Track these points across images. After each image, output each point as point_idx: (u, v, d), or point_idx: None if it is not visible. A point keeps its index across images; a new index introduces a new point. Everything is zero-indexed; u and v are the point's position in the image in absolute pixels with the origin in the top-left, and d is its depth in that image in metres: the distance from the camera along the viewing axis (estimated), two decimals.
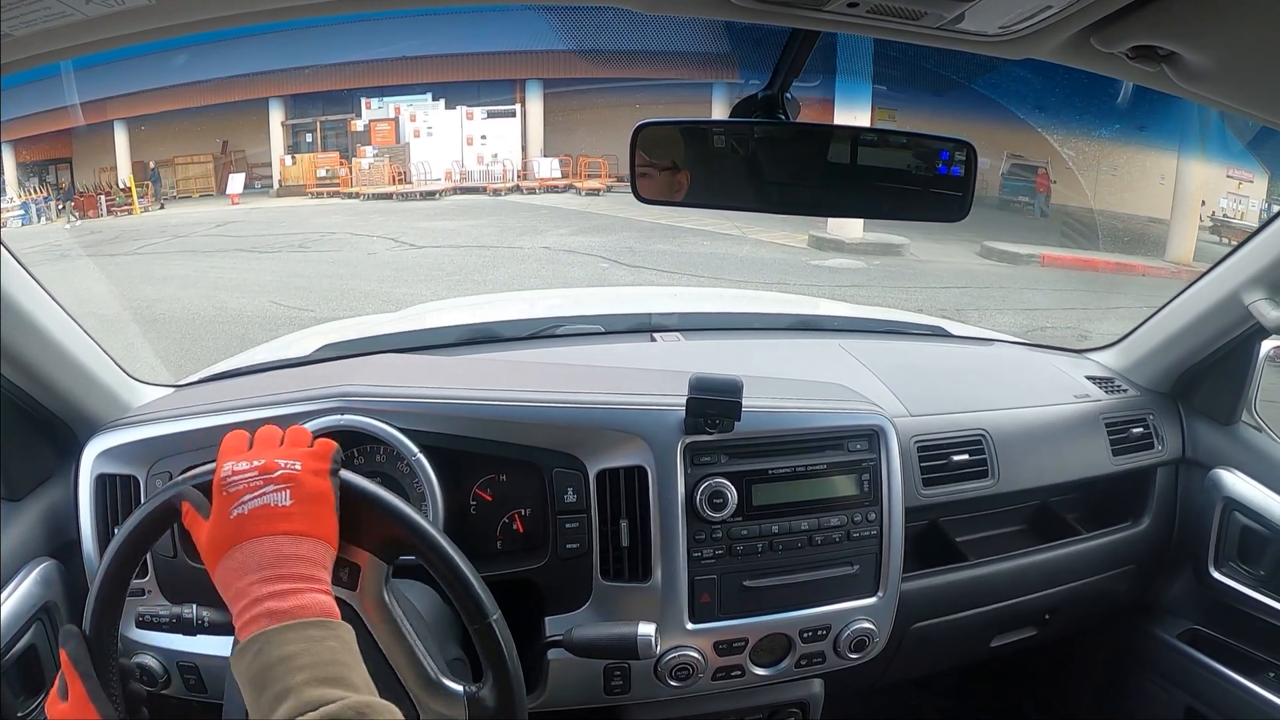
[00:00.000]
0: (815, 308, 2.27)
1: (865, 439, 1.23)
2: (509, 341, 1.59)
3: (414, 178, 15.21)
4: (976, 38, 0.73)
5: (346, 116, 15.78)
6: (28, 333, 1.05)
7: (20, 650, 1.05)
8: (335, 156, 15.39)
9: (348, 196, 14.45)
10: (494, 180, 15.30)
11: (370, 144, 15.40)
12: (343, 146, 15.68)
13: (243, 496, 0.75)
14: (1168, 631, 1.59)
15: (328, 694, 0.65)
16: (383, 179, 14.98)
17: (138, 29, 0.70)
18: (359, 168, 15.20)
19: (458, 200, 14.24)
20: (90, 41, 0.71)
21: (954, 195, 0.95)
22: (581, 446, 1.15)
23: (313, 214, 12.57)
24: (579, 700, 1.18)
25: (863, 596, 1.22)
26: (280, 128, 15.44)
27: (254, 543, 0.74)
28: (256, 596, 0.71)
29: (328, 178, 15.11)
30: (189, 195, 14.19)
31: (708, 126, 1.03)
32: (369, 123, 15.70)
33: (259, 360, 1.53)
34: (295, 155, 15.36)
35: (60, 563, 1.14)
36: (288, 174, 15.22)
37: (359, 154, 15.42)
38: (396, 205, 13.83)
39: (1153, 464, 1.54)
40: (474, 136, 15.51)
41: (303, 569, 0.73)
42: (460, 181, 15.30)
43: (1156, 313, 1.55)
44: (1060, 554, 1.46)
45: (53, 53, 0.71)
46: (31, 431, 1.16)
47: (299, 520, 0.75)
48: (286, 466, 0.77)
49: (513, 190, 15.12)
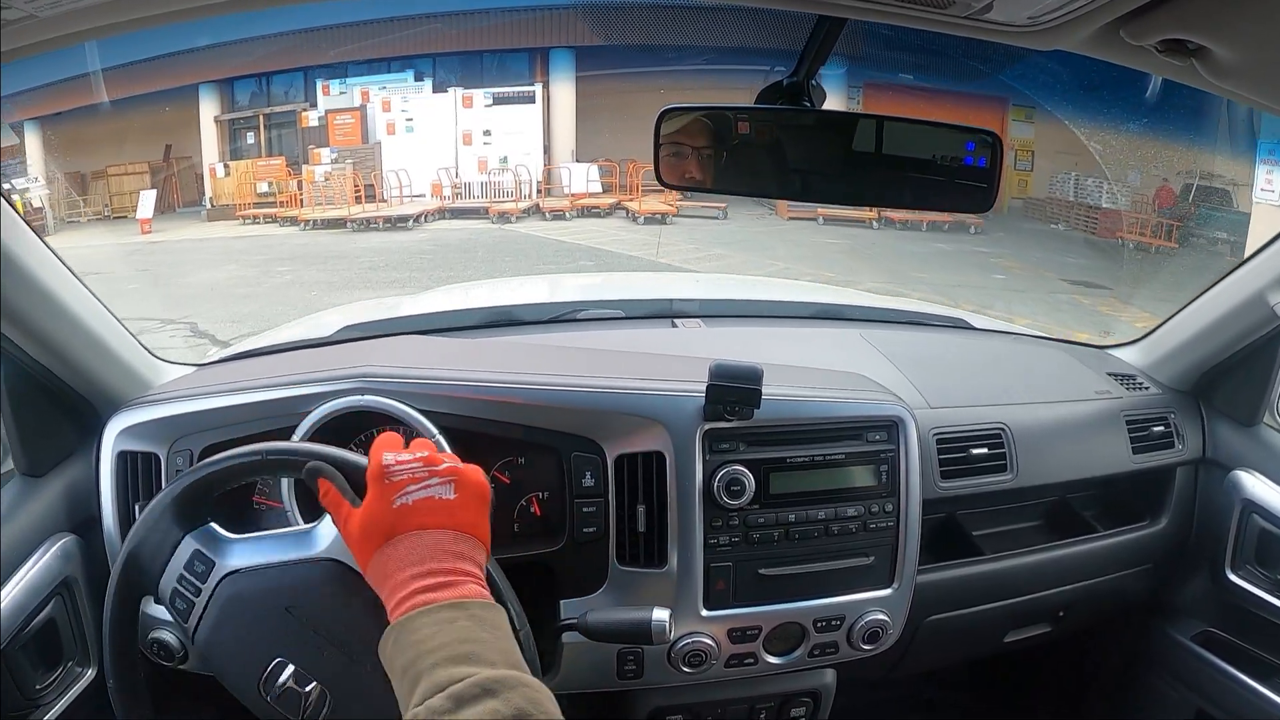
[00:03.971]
0: (837, 296, 2.26)
1: (884, 430, 1.22)
2: (530, 325, 1.59)
3: (388, 193, 10.49)
4: (1005, 27, 0.72)
5: (298, 107, 11.25)
6: (52, 310, 1.05)
7: (40, 623, 1.07)
8: (280, 164, 10.93)
9: (286, 223, 10.01)
10: (502, 196, 10.54)
11: (329, 144, 11.03)
12: (293, 149, 11.23)
13: (407, 487, 0.75)
14: (1181, 633, 1.57)
15: (455, 673, 0.65)
16: (343, 195, 10.40)
17: (166, 9, 0.69)
18: (311, 179, 10.65)
19: (441, 231, 9.66)
20: (118, 22, 0.71)
21: (979, 187, 0.95)
22: (600, 431, 1.15)
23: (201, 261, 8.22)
24: (592, 684, 1.19)
25: (878, 588, 1.22)
26: (214, 125, 11.06)
27: (417, 535, 0.74)
28: (415, 589, 0.71)
29: (270, 194, 10.60)
30: (124, 214, 10.46)
31: (732, 112, 1.02)
32: (325, 114, 11.09)
33: (281, 340, 1.54)
34: (230, 162, 10.98)
35: (81, 538, 1.15)
36: (219, 189, 10.70)
37: (313, 159, 10.90)
38: (346, 242, 9.38)
39: (1172, 463, 1.53)
40: (474, 132, 10.92)
41: (461, 565, 0.74)
42: (452, 199, 10.56)
43: (1180, 310, 1.54)
44: (1077, 551, 1.45)
45: (81, 33, 0.70)
46: (54, 408, 1.17)
47: (461, 515, 0.76)
48: (450, 461, 0.78)
49: (531, 212, 10.30)
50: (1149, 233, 11.58)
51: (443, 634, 0.68)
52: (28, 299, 1.01)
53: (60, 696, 1.09)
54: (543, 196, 10.71)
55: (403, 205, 10.20)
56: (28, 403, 1.13)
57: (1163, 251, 11.05)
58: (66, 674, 1.11)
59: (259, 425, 1.13)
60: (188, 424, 1.16)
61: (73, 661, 1.12)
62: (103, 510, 1.16)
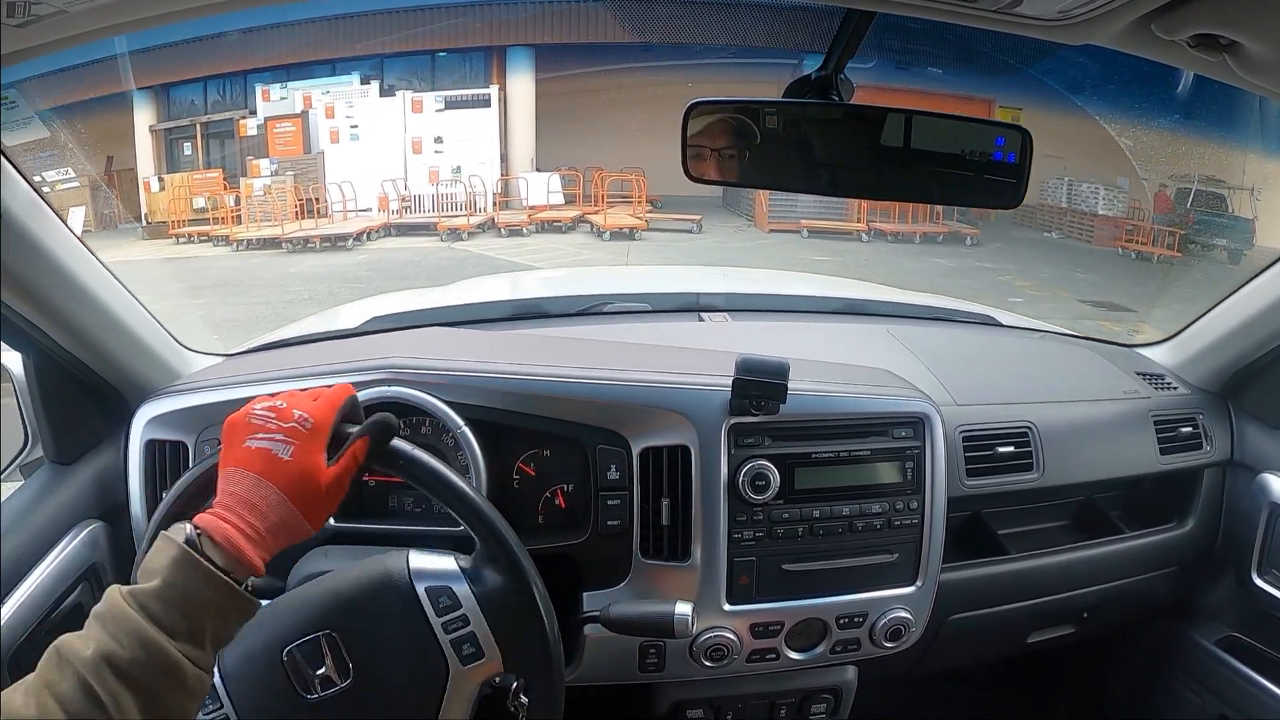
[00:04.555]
0: (865, 291, 2.25)
1: (910, 426, 1.21)
2: (557, 318, 1.60)
3: (331, 207, 9.51)
4: (1035, 21, 0.72)
5: (236, 114, 10.31)
6: (82, 301, 1.06)
7: (67, 608, 1.08)
8: (218, 177, 9.97)
9: (220, 242, 9.15)
10: (454, 210, 9.61)
11: (268, 155, 10.06)
12: (231, 160, 10.27)
13: (256, 433, 0.78)
14: (1206, 637, 1.55)
15: None
16: (283, 210, 9.42)
17: (192, 5, 0.70)
18: (250, 193, 9.68)
19: (383, 251, 8.68)
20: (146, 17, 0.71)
21: (1008, 182, 0.94)
22: (626, 424, 1.15)
23: None
24: (613, 676, 1.19)
25: (901, 585, 1.22)
26: (150, 135, 10.12)
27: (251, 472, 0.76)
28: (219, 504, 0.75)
29: (207, 210, 9.60)
30: None
31: (760, 106, 1.01)
32: (265, 122, 10.18)
33: (310, 331, 1.55)
34: (166, 175, 9.93)
35: (109, 525, 1.17)
36: (154, 204, 9.77)
37: (251, 171, 9.88)
38: (277, 265, 8.37)
39: (1200, 465, 1.51)
40: (424, 139, 10.04)
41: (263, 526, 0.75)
42: (399, 214, 9.61)
43: (1210, 309, 1.52)
44: (1102, 552, 1.44)
45: (109, 28, 0.71)
46: (84, 397, 1.18)
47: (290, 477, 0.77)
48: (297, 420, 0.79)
49: (485, 228, 9.36)
50: (1151, 241, 11.21)
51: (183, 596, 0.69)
52: (60, 290, 1.02)
53: None
54: (498, 210, 9.76)
55: (346, 221, 9.20)
56: (58, 392, 1.14)
57: (1166, 261, 10.78)
58: None
59: None
60: (216, 413, 1.17)
61: None
62: (130, 498, 1.17)
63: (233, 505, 0.75)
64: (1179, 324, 1.60)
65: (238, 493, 0.75)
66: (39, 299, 1.01)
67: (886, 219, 11.83)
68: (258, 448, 0.77)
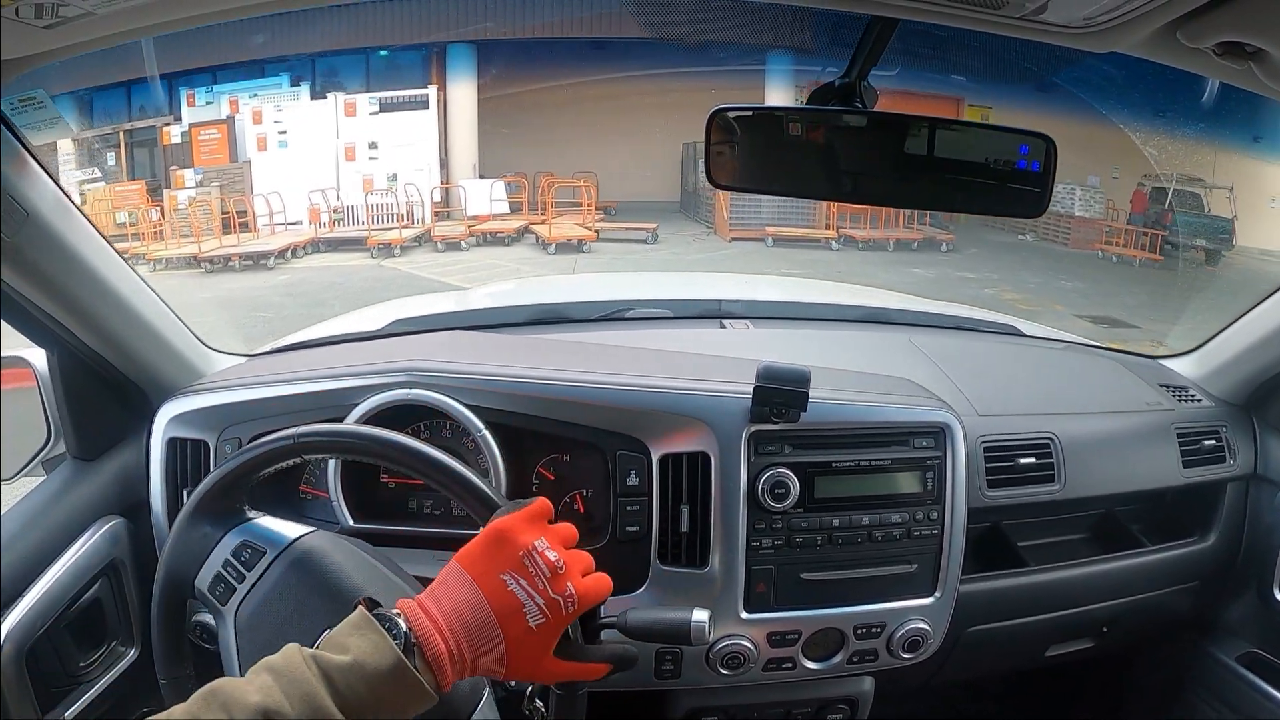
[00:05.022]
0: (886, 300, 2.24)
1: (931, 436, 1.20)
2: (578, 323, 1.60)
3: (258, 221, 8.64)
4: (1059, 29, 0.71)
5: (160, 121, 9.50)
6: (108, 300, 1.07)
7: (86, 603, 1.09)
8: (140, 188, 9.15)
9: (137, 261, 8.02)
10: (389, 221, 8.72)
11: (193, 164, 9.24)
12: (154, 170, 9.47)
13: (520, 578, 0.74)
14: (1226, 653, 1.54)
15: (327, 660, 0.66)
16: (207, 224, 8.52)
17: (217, 8, 0.70)
18: (175, 205, 8.88)
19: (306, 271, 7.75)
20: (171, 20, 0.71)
21: (1032, 191, 0.93)
22: (646, 430, 1.14)
23: None
24: (628, 682, 1.18)
25: (919, 596, 1.21)
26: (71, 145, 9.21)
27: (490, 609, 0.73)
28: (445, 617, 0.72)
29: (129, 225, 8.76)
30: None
31: (783, 113, 1.01)
32: (189, 129, 9.35)
33: (331, 333, 1.56)
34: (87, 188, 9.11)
35: (129, 521, 1.17)
36: None
37: (175, 182, 9.06)
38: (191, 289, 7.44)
39: (1223, 478, 1.49)
40: (358, 144, 9.16)
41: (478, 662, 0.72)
42: (330, 227, 8.63)
43: (1235, 321, 1.50)
44: (1123, 565, 1.42)
45: (135, 30, 0.71)
46: (107, 394, 1.19)
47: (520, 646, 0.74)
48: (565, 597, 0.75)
49: (421, 241, 8.46)
50: (1131, 243, 10.91)
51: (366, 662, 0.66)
52: (87, 289, 1.03)
53: (103, 674, 1.11)
54: (436, 221, 8.83)
55: (273, 236, 8.24)
56: (81, 389, 1.15)
57: (1147, 265, 10.50)
58: (110, 653, 1.14)
59: (308, 416, 1.14)
60: (237, 413, 1.18)
61: (116, 641, 1.15)
62: (151, 495, 1.18)
63: (457, 631, 0.71)
64: (1191, 341, 1.59)
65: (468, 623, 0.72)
66: (66, 297, 1.02)
67: (858, 224, 11.14)
68: (512, 593, 0.73)
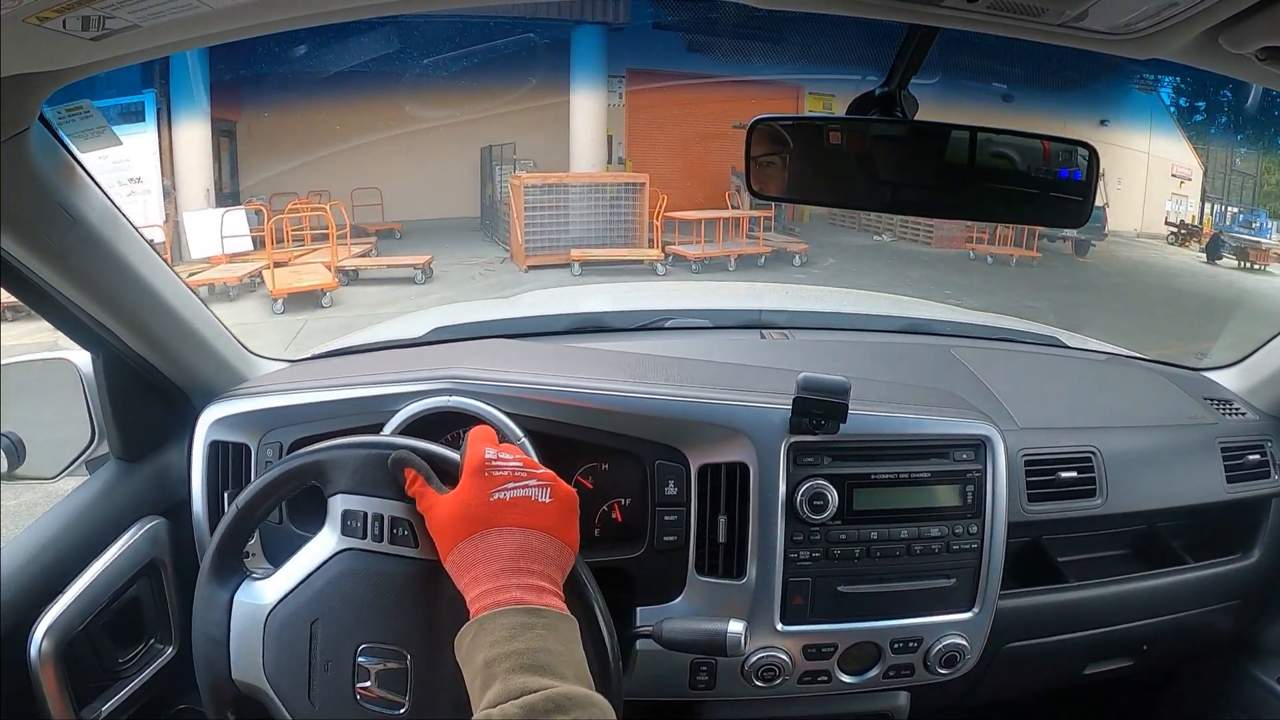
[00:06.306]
0: (926, 310, 2.22)
1: (972, 449, 1.19)
2: (617, 332, 1.60)
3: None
4: (1100, 35, 0.70)
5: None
6: (154, 305, 1.09)
7: (125, 601, 1.10)
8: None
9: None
10: None
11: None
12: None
13: (505, 483, 0.76)
14: (1268, 674, 1.50)
15: (529, 682, 0.65)
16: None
17: (263, 20, 0.71)
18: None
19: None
20: (213, 33, 0.72)
21: (1074, 200, 0.91)
22: (685, 440, 1.14)
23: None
24: (662, 692, 1.18)
25: (958, 611, 1.19)
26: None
27: (509, 532, 0.74)
28: (501, 584, 0.72)
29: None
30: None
31: (823, 123, 1.01)
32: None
33: (374, 339, 1.57)
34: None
35: (170, 522, 1.19)
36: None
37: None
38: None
39: (1268, 494, 1.46)
40: None
41: (547, 570, 0.74)
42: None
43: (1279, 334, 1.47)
44: (1164, 582, 1.39)
45: (179, 43, 0.72)
46: (151, 397, 1.21)
47: (553, 519, 0.76)
48: (544, 470, 0.79)
49: None
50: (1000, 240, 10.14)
51: (520, 639, 0.68)
52: (133, 295, 1.05)
53: (140, 671, 1.12)
54: None
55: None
56: (126, 391, 1.17)
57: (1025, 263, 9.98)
58: (147, 650, 1.15)
59: (348, 421, 1.15)
60: (279, 417, 1.19)
61: (154, 639, 1.16)
62: (193, 496, 1.19)
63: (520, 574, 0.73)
64: None
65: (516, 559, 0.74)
66: (113, 302, 1.04)
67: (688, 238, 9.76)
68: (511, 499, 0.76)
